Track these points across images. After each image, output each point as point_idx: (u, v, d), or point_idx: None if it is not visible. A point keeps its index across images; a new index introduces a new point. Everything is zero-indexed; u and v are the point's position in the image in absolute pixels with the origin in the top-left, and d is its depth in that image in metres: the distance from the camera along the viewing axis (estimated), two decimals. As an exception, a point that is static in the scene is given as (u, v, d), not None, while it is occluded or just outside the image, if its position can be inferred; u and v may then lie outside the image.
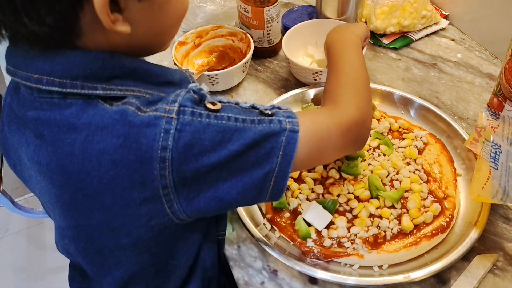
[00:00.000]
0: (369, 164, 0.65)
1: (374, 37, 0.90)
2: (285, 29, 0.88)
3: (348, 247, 0.56)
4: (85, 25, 0.40)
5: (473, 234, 0.55)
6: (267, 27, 0.83)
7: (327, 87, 0.57)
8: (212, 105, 0.43)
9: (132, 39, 0.43)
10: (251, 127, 0.43)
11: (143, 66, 0.45)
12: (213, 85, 0.80)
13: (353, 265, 0.56)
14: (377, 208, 0.59)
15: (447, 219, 0.58)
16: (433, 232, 0.57)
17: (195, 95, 0.42)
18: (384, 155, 0.66)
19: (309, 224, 0.59)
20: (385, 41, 0.89)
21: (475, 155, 0.64)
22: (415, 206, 0.59)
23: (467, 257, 0.55)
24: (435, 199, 0.60)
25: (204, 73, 0.77)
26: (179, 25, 0.49)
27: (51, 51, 0.41)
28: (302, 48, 0.85)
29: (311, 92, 0.77)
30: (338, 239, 0.57)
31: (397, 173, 0.63)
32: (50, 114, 0.42)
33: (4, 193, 1.14)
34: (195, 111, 0.41)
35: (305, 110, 0.73)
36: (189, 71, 0.52)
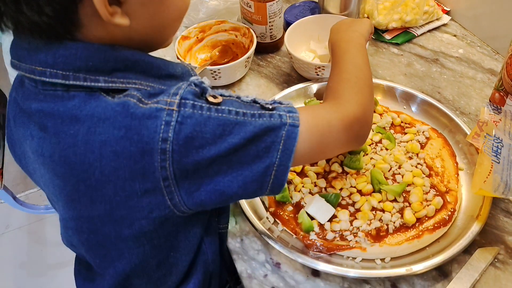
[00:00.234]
0: (371, 158, 0.65)
1: (376, 33, 0.90)
2: (287, 24, 0.88)
3: (351, 240, 0.56)
4: (85, 17, 0.40)
5: (475, 228, 0.56)
6: (269, 22, 0.84)
7: (330, 84, 0.58)
8: (213, 98, 0.43)
9: (132, 32, 0.44)
10: (252, 121, 0.43)
11: (144, 59, 0.45)
12: (215, 79, 0.80)
13: (355, 258, 0.56)
14: (379, 202, 0.60)
15: (449, 212, 0.58)
16: (435, 225, 0.57)
17: (196, 88, 0.43)
18: (387, 149, 0.67)
19: (312, 217, 0.59)
20: (387, 36, 0.90)
21: (477, 149, 0.64)
22: (417, 199, 0.59)
23: (468, 250, 0.55)
24: (437, 193, 0.60)
25: (207, 67, 0.77)
26: (180, 20, 0.49)
27: (53, 43, 0.41)
28: (304, 43, 0.85)
29: (314, 87, 0.77)
30: (340, 232, 0.57)
31: (399, 167, 0.64)
32: (53, 106, 0.42)
33: (6, 189, 1.14)
34: (196, 104, 0.41)
35: (306, 106, 0.73)
36: (191, 65, 0.52)
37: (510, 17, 0.80)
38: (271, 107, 0.45)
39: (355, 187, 0.62)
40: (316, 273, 0.56)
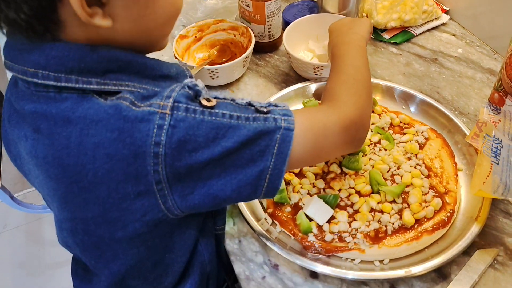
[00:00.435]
0: (370, 159, 0.65)
1: (375, 32, 0.90)
2: (285, 23, 0.88)
3: (349, 241, 0.56)
4: (67, 16, 0.40)
5: (474, 229, 0.55)
6: (267, 21, 0.83)
7: (327, 86, 0.57)
8: (207, 102, 0.42)
9: (116, 34, 0.43)
10: (246, 124, 0.43)
11: (138, 59, 0.45)
12: (213, 79, 0.79)
13: (354, 260, 0.56)
14: (378, 203, 0.59)
15: (448, 213, 0.58)
16: (434, 226, 0.57)
17: (190, 91, 0.42)
18: (385, 150, 0.66)
19: (310, 218, 0.58)
20: (386, 36, 0.89)
21: (476, 150, 0.64)
22: (416, 200, 0.59)
23: (467, 251, 0.55)
24: (436, 194, 0.60)
25: (205, 67, 0.77)
26: (170, 25, 0.48)
27: (46, 44, 0.40)
28: (303, 42, 0.85)
29: (312, 86, 0.76)
30: (339, 233, 0.57)
31: (398, 168, 0.63)
32: (46, 108, 0.42)
33: (3, 188, 1.14)
34: (189, 107, 0.41)
35: (303, 108, 0.73)
36: (186, 65, 0.51)
37: (509, 17, 0.80)
38: (266, 110, 0.45)
39: (353, 188, 0.62)
40: (314, 275, 0.56)
